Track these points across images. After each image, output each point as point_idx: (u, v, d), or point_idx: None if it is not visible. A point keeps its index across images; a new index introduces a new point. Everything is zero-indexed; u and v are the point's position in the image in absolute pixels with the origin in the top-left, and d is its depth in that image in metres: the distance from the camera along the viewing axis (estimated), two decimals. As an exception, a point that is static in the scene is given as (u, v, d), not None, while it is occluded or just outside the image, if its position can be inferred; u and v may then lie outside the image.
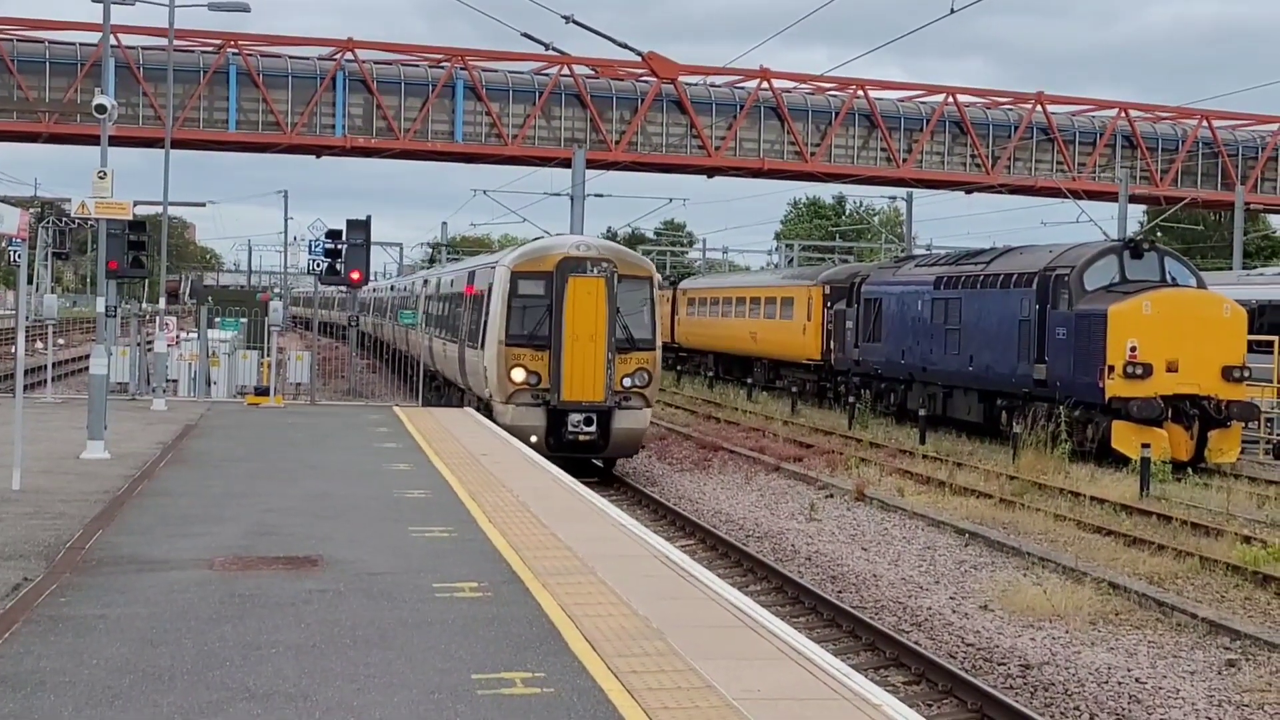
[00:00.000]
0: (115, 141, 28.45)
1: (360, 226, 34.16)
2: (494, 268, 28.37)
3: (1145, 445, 26.97)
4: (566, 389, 26.45)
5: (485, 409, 28.73)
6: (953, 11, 30.66)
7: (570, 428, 26.49)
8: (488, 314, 27.79)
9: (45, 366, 34.08)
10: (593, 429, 26.59)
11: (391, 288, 65.65)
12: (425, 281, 47.06)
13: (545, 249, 27.76)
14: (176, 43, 44.46)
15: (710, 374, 61.87)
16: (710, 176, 67.40)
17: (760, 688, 8.83)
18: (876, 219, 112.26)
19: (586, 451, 27.03)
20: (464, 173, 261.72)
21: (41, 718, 7.95)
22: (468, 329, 31.00)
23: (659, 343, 27.34)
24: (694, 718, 8.20)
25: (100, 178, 21.46)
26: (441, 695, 8.53)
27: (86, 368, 26.55)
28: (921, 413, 36.51)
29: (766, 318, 53.90)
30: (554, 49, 41.54)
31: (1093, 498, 24.97)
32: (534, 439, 25.72)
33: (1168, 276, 31.72)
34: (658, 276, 27.79)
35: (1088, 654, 14.97)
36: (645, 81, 62.03)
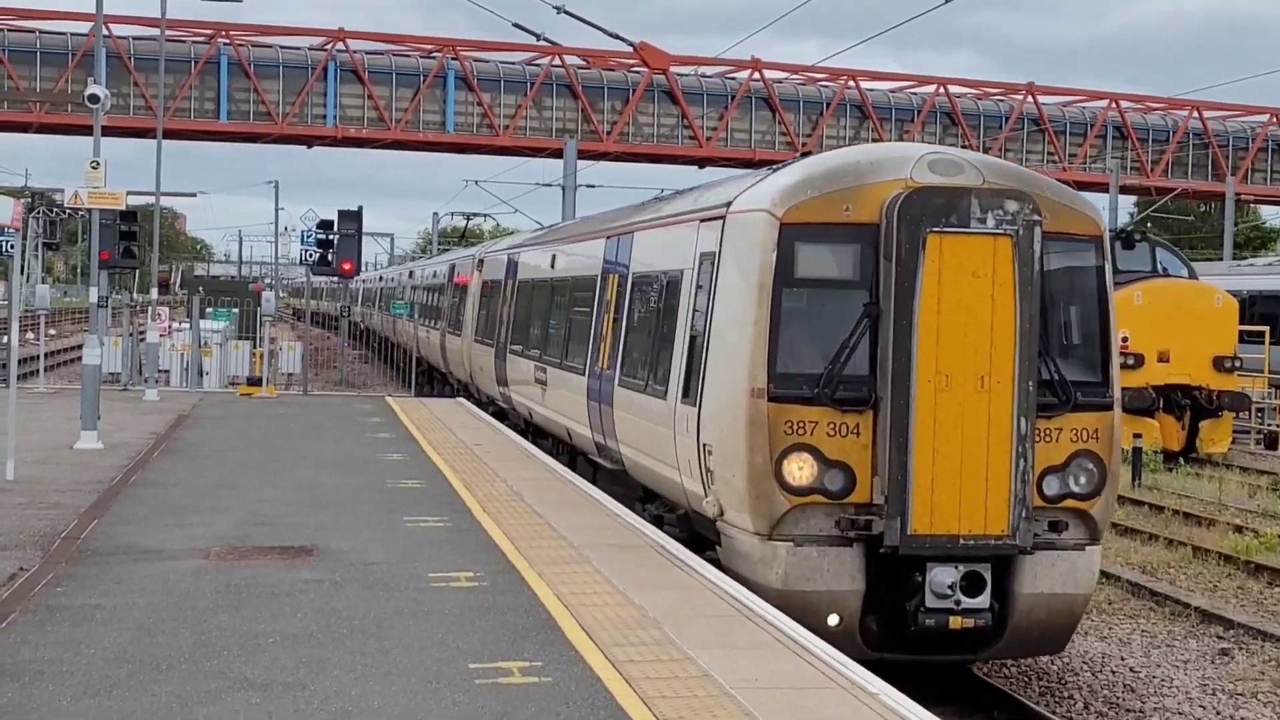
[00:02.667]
0: (106, 132, 28.52)
1: (352, 217, 34.14)
2: (718, 218, 13.59)
3: (1137, 435, 27.04)
4: (920, 507, 11.82)
5: (684, 528, 14.34)
6: (946, 1, 30.67)
7: (932, 597, 11.95)
8: (710, 323, 13.23)
9: (38, 357, 34.04)
10: (981, 601, 12.03)
11: (410, 274, 52.31)
12: (480, 262, 31.48)
13: (855, 166, 12.72)
14: (167, 32, 44.37)
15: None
16: (701, 167, 67.42)
17: (758, 676, 8.85)
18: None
19: (959, 650, 12.58)
20: (455, 163, 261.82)
21: (40, 707, 7.96)
22: (628, 356, 16.46)
23: (1118, 390, 12.92)
24: (692, 707, 8.21)
25: (93, 168, 21.41)
26: (439, 685, 8.55)
27: (78, 358, 26.54)
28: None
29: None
30: (545, 39, 41.56)
31: (1085, 488, 24.99)
32: (834, 621, 12.01)
33: (1159, 267, 31.77)
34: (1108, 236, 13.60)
35: (1081, 643, 15.00)
36: (636, 72, 62.00)
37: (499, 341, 26.59)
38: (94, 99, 21.56)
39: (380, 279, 68.13)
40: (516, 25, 36.42)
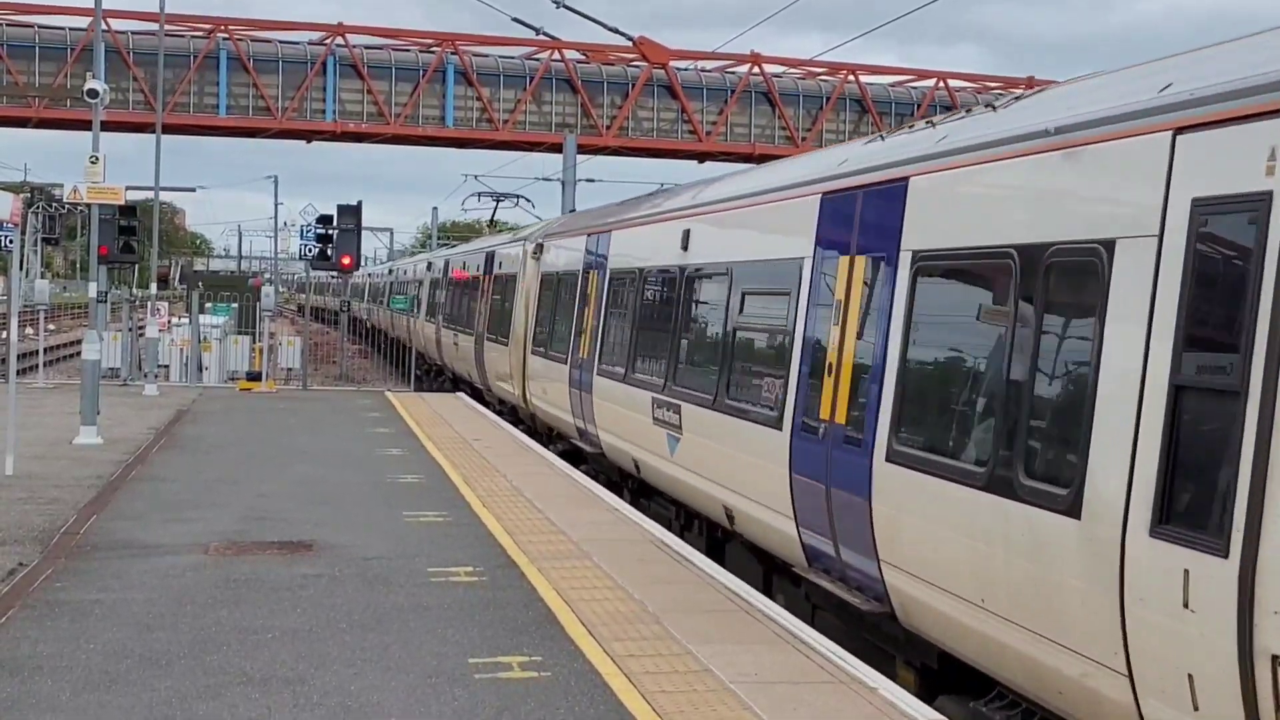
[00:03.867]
0: (105, 127, 28.22)
1: (351, 212, 34.06)
2: None
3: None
4: None
5: None
6: (941, -4, 30.62)
7: None
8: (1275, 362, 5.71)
9: (37, 352, 34.04)
10: None
11: (429, 266, 43.68)
12: (538, 249, 24.93)
13: None
14: (166, 27, 44.34)
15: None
16: (701, 162, 67.43)
17: (757, 671, 8.84)
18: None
19: None
20: (455, 158, 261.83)
21: (39, 702, 7.95)
22: (916, 410, 9.32)
23: None
24: (692, 701, 8.21)
25: (92, 163, 21.39)
26: (439, 679, 8.54)
27: (78, 353, 26.51)
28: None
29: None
30: (544, 34, 41.62)
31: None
32: None
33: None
34: None
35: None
36: (636, 66, 61.98)
37: (579, 357, 19.77)
38: (93, 94, 21.54)
39: (389, 272, 64.65)
40: (516, 20, 36.51)
